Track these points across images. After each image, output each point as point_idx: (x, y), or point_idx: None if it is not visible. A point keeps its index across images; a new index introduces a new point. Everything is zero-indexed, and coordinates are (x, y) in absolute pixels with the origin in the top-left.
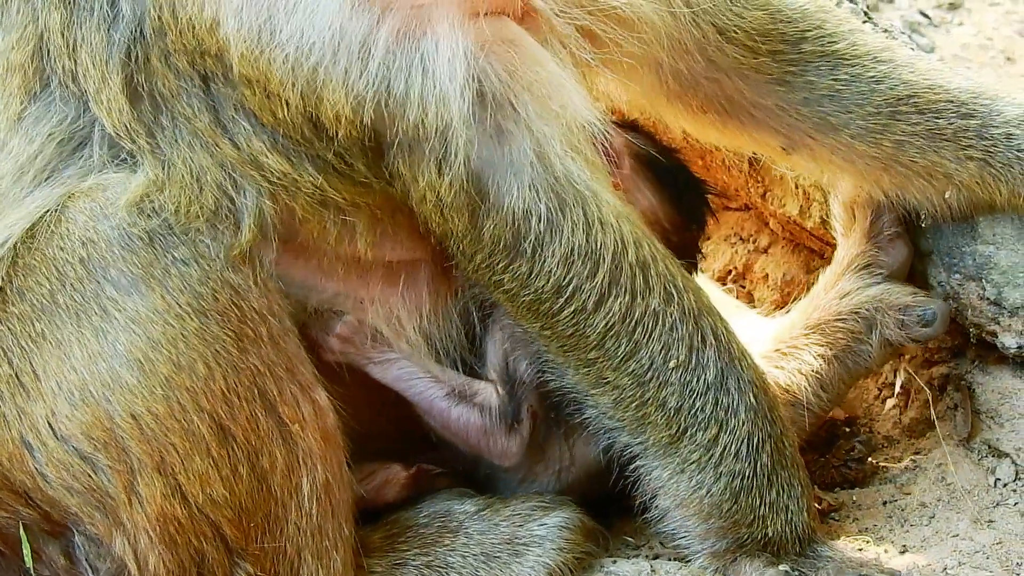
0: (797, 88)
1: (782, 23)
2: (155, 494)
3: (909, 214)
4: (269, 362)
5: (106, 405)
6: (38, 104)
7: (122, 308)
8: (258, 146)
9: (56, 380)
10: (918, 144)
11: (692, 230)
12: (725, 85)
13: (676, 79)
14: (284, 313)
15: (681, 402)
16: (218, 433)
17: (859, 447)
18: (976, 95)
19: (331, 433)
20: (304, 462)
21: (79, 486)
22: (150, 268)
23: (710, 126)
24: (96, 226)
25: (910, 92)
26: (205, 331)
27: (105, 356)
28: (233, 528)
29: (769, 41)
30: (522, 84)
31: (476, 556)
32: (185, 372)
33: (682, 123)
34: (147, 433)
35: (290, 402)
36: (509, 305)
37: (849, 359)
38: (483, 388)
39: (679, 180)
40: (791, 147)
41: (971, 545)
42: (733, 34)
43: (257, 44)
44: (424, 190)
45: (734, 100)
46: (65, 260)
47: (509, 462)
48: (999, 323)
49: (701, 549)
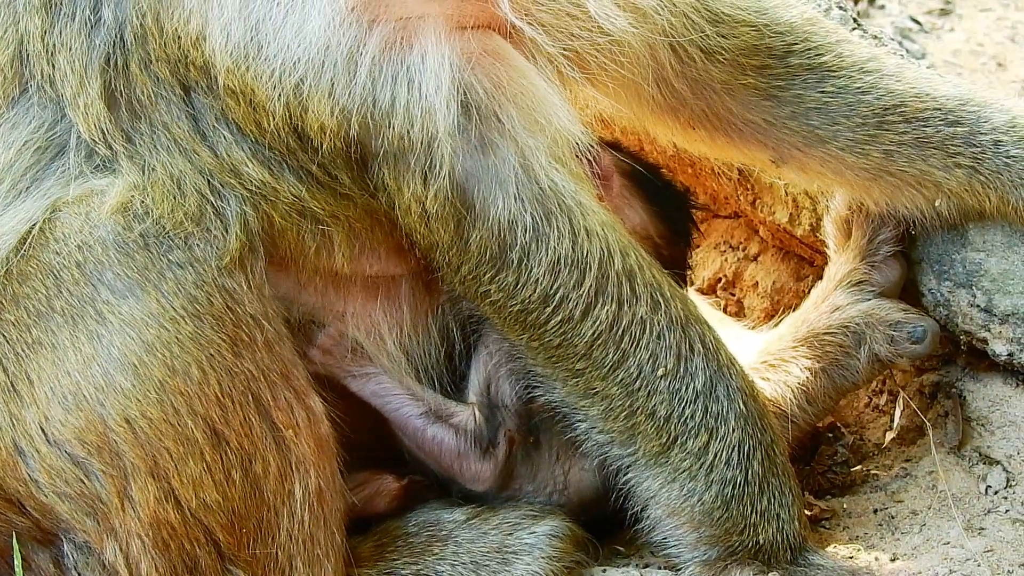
0: (785, 102)
1: (769, 37)
2: (148, 498)
3: (907, 231)
4: (264, 367)
5: (100, 409)
6: (16, 109)
7: (117, 312)
8: (239, 155)
9: (50, 385)
10: (906, 153)
11: (681, 245)
12: (713, 102)
13: (663, 97)
14: (279, 318)
15: (671, 410)
16: (212, 438)
17: (842, 451)
18: (964, 102)
19: (325, 440)
20: (297, 468)
21: (71, 491)
22: (145, 272)
23: (699, 141)
24: (92, 230)
25: (897, 102)
26: (200, 335)
27: (100, 360)
28: (226, 533)
29: (756, 56)
30: (507, 96)
31: (465, 565)
32: (179, 376)
33: (671, 137)
34: (141, 437)
35: (284, 408)
36: (496, 317)
37: (837, 373)
38: (461, 410)
39: (666, 196)
40: (780, 160)
41: (962, 553)
42: (719, 55)
43: (244, 58)
44: (409, 201)
45: (722, 116)
46: (62, 265)
47: (481, 486)
48: (989, 330)
49: (692, 558)
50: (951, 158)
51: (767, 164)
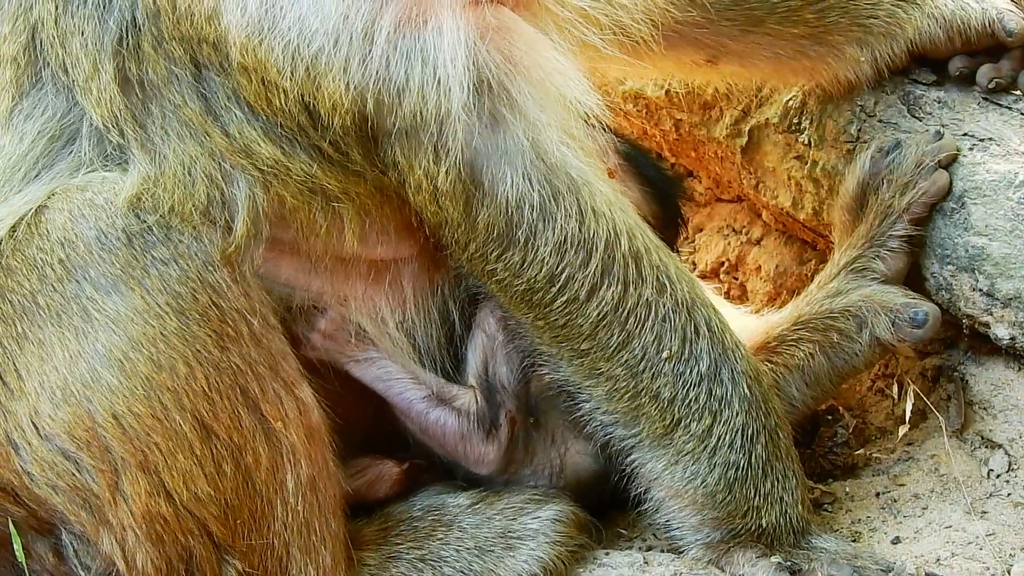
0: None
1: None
2: (140, 492)
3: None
4: (251, 360)
5: (87, 405)
6: (29, 99)
7: (102, 308)
8: (250, 134)
9: (39, 380)
10: (839, 5)
11: (672, 229)
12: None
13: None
14: (268, 310)
15: (675, 392)
16: (201, 432)
17: (842, 432)
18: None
19: (316, 429)
20: (288, 459)
21: (64, 485)
22: (129, 268)
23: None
24: (74, 227)
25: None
26: (185, 331)
27: (85, 356)
28: (219, 525)
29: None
30: (519, 70)
31: (470, 549)
32: (166, 372)
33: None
34: (129, 432)
35: (272, 400)
36: (502, 295)
37: (837, 357)
38: (463, 393)
39: (661, 180)
40: (716, 57)
41: (964, 536)
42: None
43: (258, 33)
44: (420, 179)
45: (657, 23)
46: (45, 261)
47: (486, 469)
48: (992, 314)
49: (695, 540)
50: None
51: (701, 66)
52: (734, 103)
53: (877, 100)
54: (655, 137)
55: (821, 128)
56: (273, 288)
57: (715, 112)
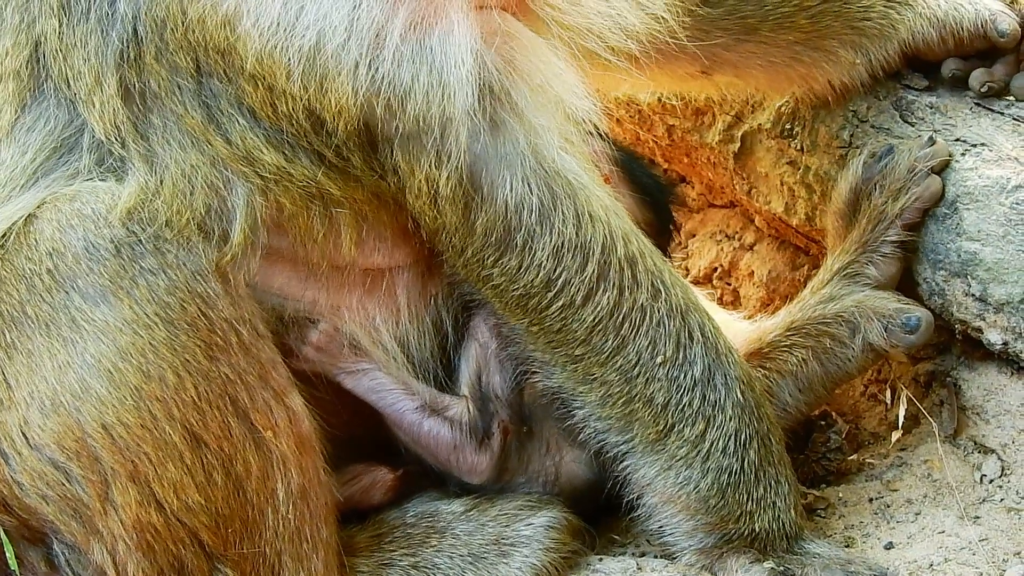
0: (714, 3)
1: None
2: (130, 502)
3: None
4: (240, 370)
5: (76, 415)
6: (32, 112)
7: (90, 319)
8: (253, 141)
9: (28, 390)
10: (829, 10)
11: (664, 236)
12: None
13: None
14: (257, 320)
15: (668, 398)
16: (191, 441)
17: (835, 438)
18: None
19: (306, 438)
20: (278, 467)
21: (54, 494)
22: (117, 279)
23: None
24: (63, 237)
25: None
26: (174, 341)
27: (74, 366)
28: (210, 534)
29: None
30: (520, 75)
31: (463, 556)
32: (155, 382)
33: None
34: (119, 442)
35: (262, 409)
36: (497, 301)
37: (830, 362)
38: (455, 403)
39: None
40: (711, 68)
41: (957, 541)
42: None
43: (272, 39)
44: (421, 183)
45: (653, 36)
46: (33, 271)
47: (478, 479)
48: (984, 319)
49: (688, 546)
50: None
51: (696, 77)
52: (727, 109)
53: (870, 105)
54: (648, 143)
55: (814, 133)
56: (266, 299)
57: (708, 118)
